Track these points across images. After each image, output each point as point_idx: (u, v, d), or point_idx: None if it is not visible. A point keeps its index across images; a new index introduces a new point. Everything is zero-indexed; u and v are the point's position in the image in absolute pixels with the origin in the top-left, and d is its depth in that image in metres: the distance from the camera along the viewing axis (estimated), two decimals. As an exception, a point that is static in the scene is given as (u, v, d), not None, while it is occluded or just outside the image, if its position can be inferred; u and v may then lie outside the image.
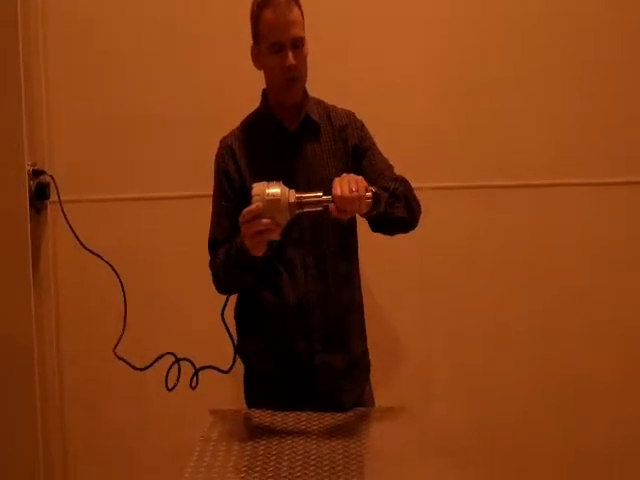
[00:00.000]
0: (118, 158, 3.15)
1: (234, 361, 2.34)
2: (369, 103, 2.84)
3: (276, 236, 2.04)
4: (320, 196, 2.04)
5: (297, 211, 2.03)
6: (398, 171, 2.41)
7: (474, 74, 3.13)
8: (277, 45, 2.28)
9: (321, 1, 2.34)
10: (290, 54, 2.27)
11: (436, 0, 3.12)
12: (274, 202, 2.00)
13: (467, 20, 3.12)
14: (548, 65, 3.14)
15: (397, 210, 2.26)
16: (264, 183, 2.03)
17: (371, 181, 2.14)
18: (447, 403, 3.08)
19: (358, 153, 2.40)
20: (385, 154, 2.45)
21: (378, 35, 3.11)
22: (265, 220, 2.00)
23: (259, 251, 2.09)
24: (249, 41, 2.38)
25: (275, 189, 2.01)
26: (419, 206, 2.36)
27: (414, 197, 2.35)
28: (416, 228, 2.38)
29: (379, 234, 2.36)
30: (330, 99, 2.48)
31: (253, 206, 2.01)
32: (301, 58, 2.31)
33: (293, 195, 2.02)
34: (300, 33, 2.30)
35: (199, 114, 3.10)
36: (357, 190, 2.01)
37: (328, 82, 2.46)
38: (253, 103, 2.46)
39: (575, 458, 3.18)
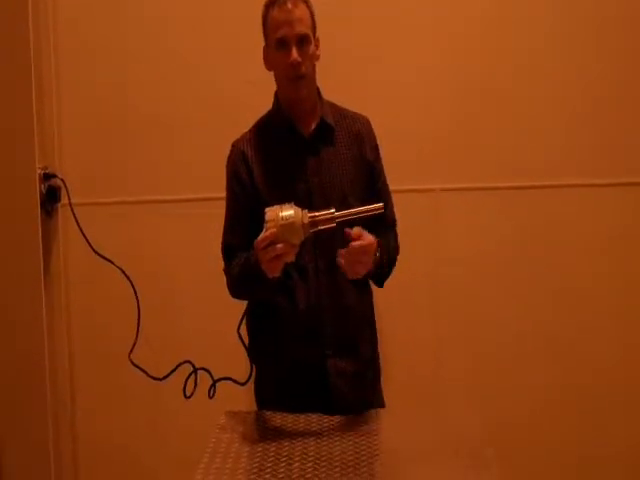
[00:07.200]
0: (129, 161, 3.14)
1: (251, 373, 2.35)
2: (377, 103, 2.84)
3: (292, 258, 2.05)
4: (333, 213, 2.04)
5: (311, 230, 2.03)
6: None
7: (482, 77, 3.10)
8: (282, 41, 2.28)
9: (325, 6, 2.34)
10: (294, 50, 2.27)
11: (442, 5, 3.11)
12: (288, 225, 2.00)
13: (473, 24, 3.10)
14: (554, 67, 3.12)
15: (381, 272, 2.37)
16: (277, 207, 2.03)
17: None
18: (458, 405, 3.06)
19: (371, 172, 2.41)
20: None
21: (385, 39, 3.09)
22: (280, 245, 2.01)
23: (275, 273, 2.09)
24: (260, 47, 2.38)
25: (289, 211, 2.01)
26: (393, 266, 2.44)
27: (395, 259, 2.44)
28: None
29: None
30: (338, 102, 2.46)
31: (268, 233, 2.01)
32: (306, 56, 2.29)
33: (306, 215, 2.02)
34: (305, 30, 2.29)
35: (212, 116, 3.09)
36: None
37: (336, 86, 2.45)
38: (267, 106, 2.44)
39: (587, 458, 3.16)
